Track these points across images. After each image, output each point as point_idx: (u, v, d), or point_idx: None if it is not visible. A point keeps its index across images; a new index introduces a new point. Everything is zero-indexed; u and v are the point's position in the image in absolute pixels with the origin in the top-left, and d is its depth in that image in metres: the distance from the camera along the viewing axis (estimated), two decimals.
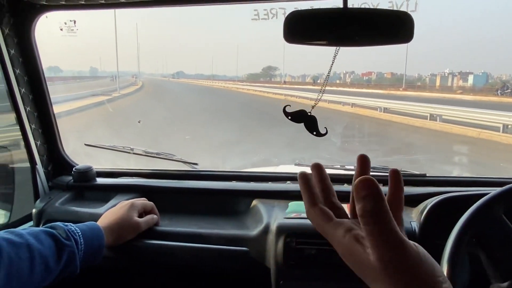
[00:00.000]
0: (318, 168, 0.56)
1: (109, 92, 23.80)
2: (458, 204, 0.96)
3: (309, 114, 1.12)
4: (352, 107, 16.38)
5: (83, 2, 1.15)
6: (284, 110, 1.09)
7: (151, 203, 1.21)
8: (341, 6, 1.04)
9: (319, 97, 1.14)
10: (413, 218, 1.11)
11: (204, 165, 1.49)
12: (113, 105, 18.17)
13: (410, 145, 8.86)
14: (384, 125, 12.41)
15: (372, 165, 1.33)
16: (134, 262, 1.15)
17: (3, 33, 1.23)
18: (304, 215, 1.12)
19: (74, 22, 1.49)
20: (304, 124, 1.10)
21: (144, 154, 1.48)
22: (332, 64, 1.19)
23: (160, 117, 12.69)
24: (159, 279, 1.20)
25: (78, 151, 1.63)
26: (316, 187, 0.55)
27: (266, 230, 1.10)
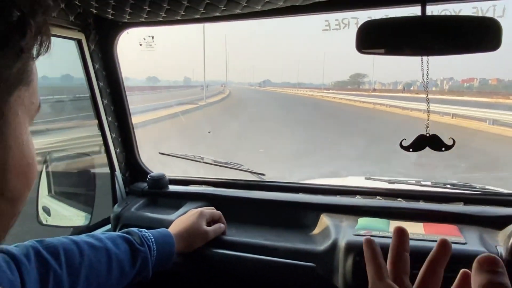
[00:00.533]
0: (399, 233, 0.53)
1: (196, 101, 25.05)
2: None
3: (427, 135, 1.08)
4: (453, 117, 15.16)
5: (161, 19, 1.21)
6: (401, 145, 1.07)
7: (219, 212, 1.24)
8: (419, 13, 0.99)
9: (427, 107, 1.09)
10: (499, 242, 1.01)
11: (271, 176, 1.49)
12: (196, 114, 19.02)
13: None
14: (491, 140, 11.37)
15: (451, 181, 1.24)
16: (201, 269, 1.17)
17: (89, 49, 1.34)
18: (376, 232, 1.07)
19: (152, 37, 1.58)
20: (429, 147, 1.06)
21: (213, 163, 1.52)
22: (424, 72, 1.14)
23: (238, 126, 12.99)
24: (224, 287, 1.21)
25: (152, 157, 1.72)
26: (395, 256, 0.53)
27: (334, 246, 1.07)
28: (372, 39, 0.99)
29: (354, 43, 0.98)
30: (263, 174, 1.48)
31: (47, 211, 1.55)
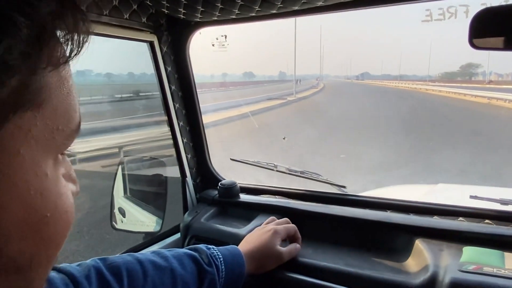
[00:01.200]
0: None
1: (285, 96, 25.34)
2: None
3: None
4: None
5: (234, 17, 1.11)
6: None
7: (294, 226, 1.11)
8: None
9: None
10: None
11: (353, 188, 1.33)
12: (283, 110, 18.73)
13: None
14: None
15: None
16: None
17: (161, 51, 1.29)
18: (488, 269, 0.87)
19: (225, 37, 1.50)
20: None
21: (288, 172, 1.40)
22: None
23: (319, 129, 12.19)
24: None
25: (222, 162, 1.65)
26: None
27: (433, 281, 0.88)
28: (491, 31, 0.79)
29: (467, 35, 0.80)
30: (344, 187, 1.32)
31: (122, 212, 1.56)
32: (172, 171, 1.46)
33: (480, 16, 0.79)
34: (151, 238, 1.36)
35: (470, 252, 0.95)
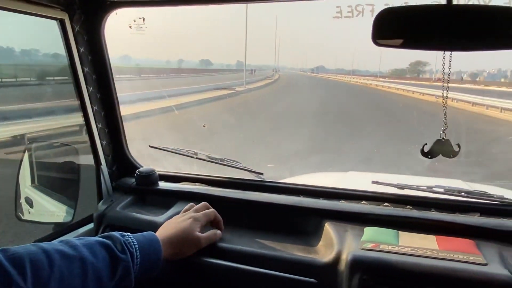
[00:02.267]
0: None
1: (234, 86, 24.11)
2: None
3: (442, 139, 1.03)
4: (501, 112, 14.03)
5: None
6: (422, 151, 1.06)
7: (213, 210, 1.13)
8: (444, 2, 0.87)
9: (444, 109, 1.00)
10: None
11: (270, 175, 1.38)
12: (227, 101, 17.80)
13: None
14: None
15: (466, 188, 1.13)
16: (190, 279, 1.06)
17: (73, 31, 1.21)
18: (384, 246, 0.96)
19: (143, 19, 1.45)
20: (442, 155, 1.00)
21: (208, 159, 1.40)
22: (445, 66, 1.04)
23: (256, 122, 11.69)
24: None
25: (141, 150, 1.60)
26: None
27: (337, 260, 0.96)
28: (390, 29, 0.88)
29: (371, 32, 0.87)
30: (261, 174, 1.37)
31: (29, 202, 1.45)
32: (87, 159, 1.39)
33: (382, 15, 0.86)
34: (61, 229, 1.29)
35: (370, 232, 1.04)
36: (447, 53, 0.97)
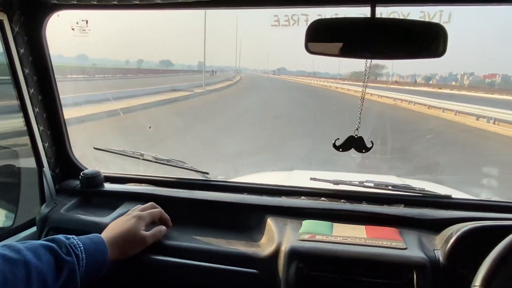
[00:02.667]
0: None
1: (192, 88, 22.96)
2: (488, 235, 0.88)
3: (355, 136, 1.12)
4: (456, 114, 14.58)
5: (95, 2, 1.10)
6: (334, 145, 1.14)
7: (159, 209, 1.17)
8: (369, 15, 0.97)
9: (360, 110, 1.09)
10: (437, 245, 1.03)
11: (215, 174, 1.43)
12: (184, 103, 16.93)
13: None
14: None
15: (393, 182, 1.25)
16: (139, 277, 1.09)
17: (13, 32, 1.19)
18: (319, 237, 1.05)
19: (86, 22, 1.44)
20: (354, 149, 1.09)
21: (154, 160, 1.43)
22: (365, 74, 1.14)
23: (221, 122, 11.49)
24: None
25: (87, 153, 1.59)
26: None
27: (277, 251, 1.03)
28: (321, 38, 0.96)
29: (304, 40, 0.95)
30: (207, 173, 1.42)
31: None
32: (29, 162, 1.36)
33: (314, 25, 0.95)
34: (1, 233, 1.26)
35: (307, 225, 1.13)
36: (368, 60, 1.07)
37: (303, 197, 1.29)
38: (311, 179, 1.36)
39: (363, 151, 1.11)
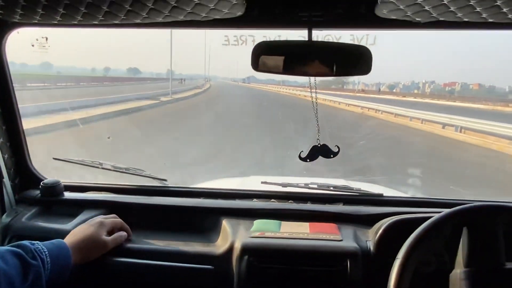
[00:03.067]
0: None
1: (158, 96, 22.11)
2: (409, 226, 1.04)
3: (319, 145, 1.22)
4: (422, 123, 14.82)
5: (55, 22, 1.16)
6: (300, 157, 1.23)
7: (120, 220, 1.24)
8: (307, 38, 1.12)
9: (316, 123, 1.21)
10: (369, 237, 1.19)
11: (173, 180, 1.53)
12: (149, 112, 16.27)
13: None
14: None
15: (334, 183, 1.41)
16: (102, 280, 1.16)
17: None
18: (268, 234, 1.18)
19: (46, 39, 1.49)
20: (322, 156, 1.20)
21: (113, 169, 1.50)
22: (311, 91, 1.28)
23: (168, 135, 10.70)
24: None
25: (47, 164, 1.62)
26: None
27: (231, 248, 1.15)
28: (266, 59, 1.09)
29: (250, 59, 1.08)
30: (165, 180, 1.51)
31: None
32: None
33: (259, 46, 1.08)
34: None
35: (258, 224, 1.26)
36: (312, 78, 1.22)
37: (255, 199, 1.42)
38: (262, 182, 1.49)
39: (331, 156, 1.23)
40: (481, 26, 1.07)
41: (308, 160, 1.26)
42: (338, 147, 1.27)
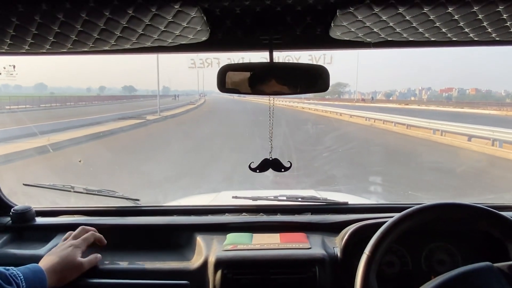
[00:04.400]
0: None
1: (144, 115, 20.86)
2: (373, 229, 1.11)
3: (270, 159, 1.27)
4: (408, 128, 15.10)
5: (24, 51, 1.19)
6: (250, 167, 1.26)
7: (90, 232, 1.25)
8: (268, 59, 1.20)
9: (270, 136, 1.27)
10: (336, 244, 1.26)
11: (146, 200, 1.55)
12: (127, 135, 14.73)
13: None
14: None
15: (301, 195, 1.48)
16: None
17: None
18: (241, 246, 1.23)
19: (14, 67, 1.50)
20: (272, 169, 1.25)
21: (85, 192, 1.51)
22: (270, 111, 1.35)
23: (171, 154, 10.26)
24: None
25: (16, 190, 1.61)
26: None
27: (205, 263, 1.19)
28: (230, 80, 1.16)
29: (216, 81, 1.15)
30: (138, 200, 1.53)
31: None
32: None
33: (224, 69, 1.15)
34: None
35: (231, 237, 1.30)
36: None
37: (227, 214, 1.47)
38: (233, 197, 1.54)
39: (282, 170, 1.29)
40: (425, 44, 1.18)
41: (257, 171, 1.29)
42: (290, 162, 1.32)
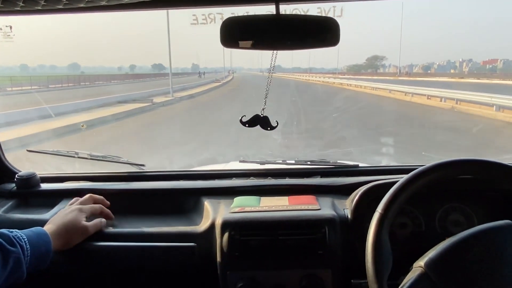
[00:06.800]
0: None
1: (151, 98, 17.27)
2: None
3: (261, 115, 1.23)
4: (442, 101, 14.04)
5: (18, 9, 1.14)
6: (241, 121, 1.22)
7: (100, 205, 1.23)
8: (274, 12, 1.13)
9: (265, 102, 1.22)
10: (346, 206, 1.22)
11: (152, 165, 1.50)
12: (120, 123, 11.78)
13: None
14: None
15: (311, 158, 1.43)
16: (83, 265, 1.16)
17: None
18: (248, 208, 1.20)
19: (10, 27, 1.46)
20: (260, 126, 1.21)
21: (90, 157, 1.49)
22: (271, 62, 1.28)
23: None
24: (109, 280, 1.22)
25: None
26: None
27: (212, 225, 1.16)
28: (234, 34, 1.10)
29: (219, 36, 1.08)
30: (143, 165, 1.50)
31: None
32: None
33: (227, 22, 1.08)
34: None
35: (238, 200, 1.27)
36: (274, 52, 1.23)
37: (234, 178, 1.43)
38: (240, 161, 1.50)
39: (268, 128, 1.24)
40: None
41: (247, 126, 1.25)
42: (277, 122, 1.27)
